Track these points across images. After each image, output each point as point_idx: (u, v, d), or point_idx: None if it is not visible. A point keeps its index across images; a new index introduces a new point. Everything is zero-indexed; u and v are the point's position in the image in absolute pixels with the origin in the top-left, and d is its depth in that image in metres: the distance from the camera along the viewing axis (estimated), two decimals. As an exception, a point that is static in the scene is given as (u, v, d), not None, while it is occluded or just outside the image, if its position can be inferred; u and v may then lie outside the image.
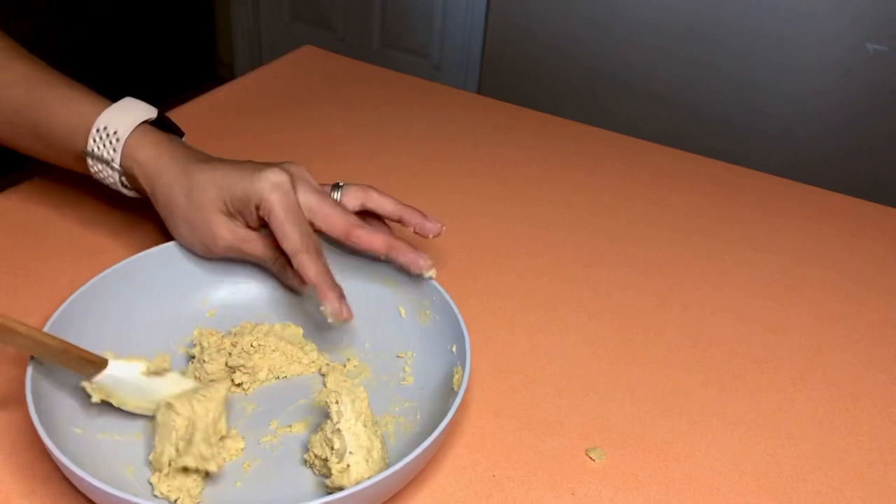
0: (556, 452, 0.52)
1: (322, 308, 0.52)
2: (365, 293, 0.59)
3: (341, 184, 0.60)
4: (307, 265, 0.52)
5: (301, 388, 0.55)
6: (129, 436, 0.49)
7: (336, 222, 0.55)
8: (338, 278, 0.60)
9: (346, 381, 0.54)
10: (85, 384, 0.48)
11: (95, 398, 0.48)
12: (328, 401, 0.47)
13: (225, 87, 0.94)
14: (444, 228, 0.60)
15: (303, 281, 0.55)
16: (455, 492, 0.49)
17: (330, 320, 0.52)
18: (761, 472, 0.52)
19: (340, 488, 0.45)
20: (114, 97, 0.60)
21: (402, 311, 0.58)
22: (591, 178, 0.82)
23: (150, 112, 0.59)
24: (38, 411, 0.44)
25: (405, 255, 0.56)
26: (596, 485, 0.50)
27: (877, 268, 0.73)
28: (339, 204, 0.57)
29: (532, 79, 1.89)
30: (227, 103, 0.90)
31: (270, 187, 0.53)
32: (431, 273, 0.56)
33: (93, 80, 0.63)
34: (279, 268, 0.58)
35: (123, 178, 0.59)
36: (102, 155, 0.58)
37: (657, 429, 0.54)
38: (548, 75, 1.87)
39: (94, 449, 0.47)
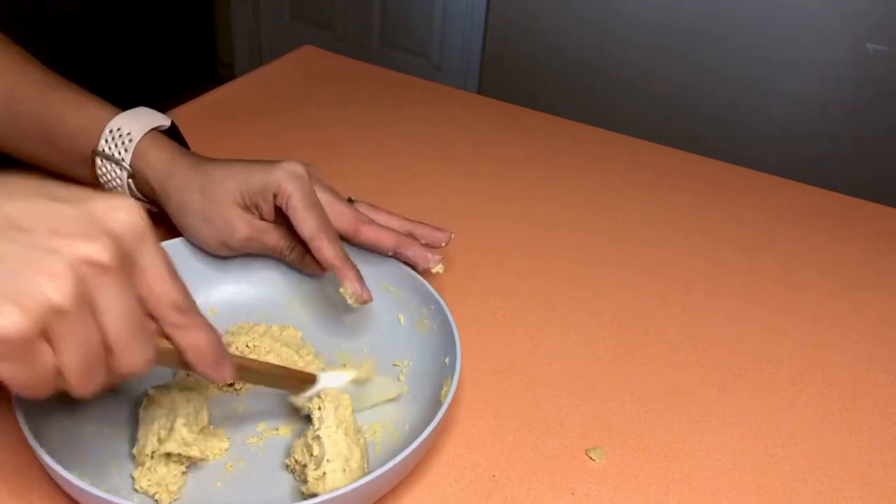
0: (556, 452, 0.52)
1: (342, 290, 0.53)
2: None
3: (353, 199, 0.61)
4: (325, 248, 0.53)
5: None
6: (118, 429, 0.49)
7: (346, 219, 0.57)
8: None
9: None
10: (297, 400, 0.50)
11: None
12: (311, 406, 0.47)
13: (225, 87, 0.94)
14: (452, 235, 0.61)
15: (321, 266, 0.56)
16: (455, 492, 0.49)
17: (350, 301, 0.54)
18: (761, 472, 0.52)
19: (315, 496, 0.44)
20: (114, 97, 0.61)
21: (402, 319, 0.58)
22: (591, 178, 0.82)
23: (163, 120, 0.61)
24: (22, 400, 0.44)
25: (413, 250, 0.58)
26: (596, 485, 0.50)
27: (876, 268, 0.73)
28: (347, 203, 0.58)
29: (532, 79, 1.89)
30: (227, 103, 0.90)
31: (289, 176, 0.54)
32: (439, 268, 0.58)
33: (93, 80, 0.63)
34: (297, 256, 0.58)
35: (131, 181, 0.59)
36: (113, 154, 0.58)
37: (657, 429, 0.54)
38: (548, 75, 1.87)
39: (81, 440, 0.47)
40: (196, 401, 0.48)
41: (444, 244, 0.61)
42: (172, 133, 0.62)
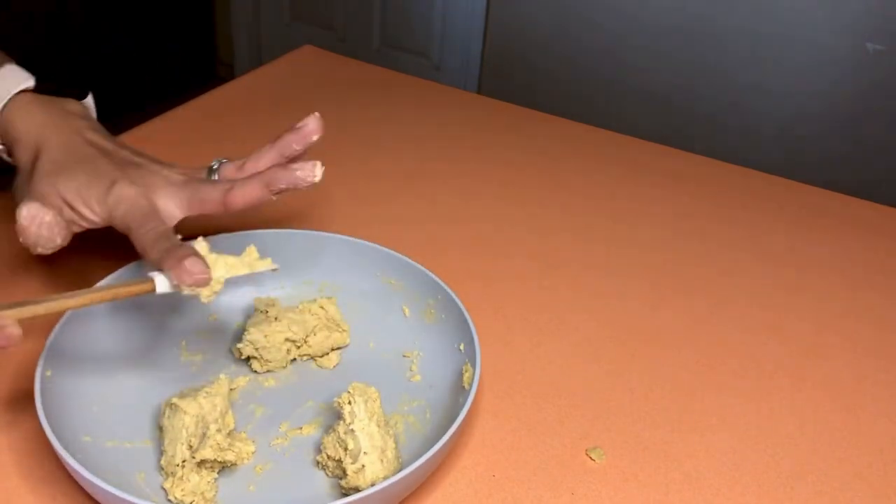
0: (556, 452, 0.52)
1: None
2: (368, 293, 0.59)
3: (219, 163, 0.57)
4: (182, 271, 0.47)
5: (309, 389, 0.55)
6: (139, 442, 0.49)
7: (209, 201, 0.52)
8: (340, 277, 0.60)
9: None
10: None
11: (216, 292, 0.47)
12: (341, 401, 0.47)
13: (225, 87, 0.94)
14: (318, 116, 0.55)
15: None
16: (455, 492, 0.49)
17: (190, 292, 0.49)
18: (761, 472, 0.52)
19: (356, 489, 0.45)
20: (114, 96, 0.60)
21: (407, 311, 0.58)
22: (590, 178, 0.82)
23: (25, 80, 0.56)
24: (49, 422, 0.43)
25: (286, 180, 0.51)
26: (596, 485, 0.50)
27: (877, 268, 0.73)
28: (204, 181, 0.54)
29: (532, 79, 1.89)
30: (227, 103, 0.90)
31: (116, 206, 0.50)
32: (319, 172, 0.52)
33: (93, 80, 0.62)
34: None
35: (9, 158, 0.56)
36: None
37: (657, 429, 0.54)
38: (547, 75, 1.87)
39: (104, 457, 0.46)
40: (221, 406, 0.48)
41: (315, 135, 0.55)
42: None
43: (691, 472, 0.52)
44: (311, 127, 0.55)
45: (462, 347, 0.53)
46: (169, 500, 0.46)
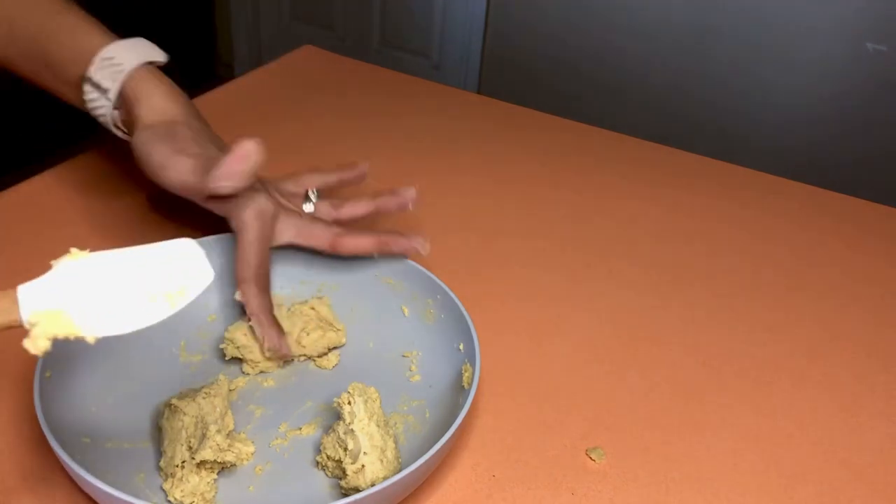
0: (556, 452, 0.52)
1: (261, 337, 0.54)
2: (367, 293, 0.59)
3: (314, 193, 0.61)
4: (252, 297, 0.53)
5: (308, 389, 0.55)
6: (138, 443, 0.49)
7: (319, 237, 0.56)
8: (339, 277, 0.60)
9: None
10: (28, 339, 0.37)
11: (42, 347, 0.37)
12: (340, 401, 0.47)
13: (225, 87, 0.94)
14: (416, 189, 0.60)
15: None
16: (454, 491, 0.49)
17: (268, 354, 0.54)
18: (761, 472, 0.52)
19: (356, 489, 0.45)
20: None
21: (406, 311, 0.58)
22: (590, 178, 0.82)
23: (159, 55, 0.59)
24: (47, 423, 0.43)
25: (398, 245, 0.57)
26: (596, 485, 0.50)
27: (877, 268, 0.73)
28: (317, 218, 0.58)
29: (532, 78, 1.89)
30: (227, 103, 0.90)
31: (255, 214, 0.53)
32: (428, 248, 0.57)
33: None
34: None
35: (115, 113, 0.58)
36: (101, 83, 0.57)
37: (657, 429, 0.54)
38: (547, 75, 1.87)
39: (104, 458, 0.46)
40: (220, 407, 0.48)
41: (410, 204, 0.60)
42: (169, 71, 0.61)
43: (691, 472, 0.51)
44: (410, 196, 0.60)
45: (461, 347, 0.53)
46: (168, 501, 0.46)
